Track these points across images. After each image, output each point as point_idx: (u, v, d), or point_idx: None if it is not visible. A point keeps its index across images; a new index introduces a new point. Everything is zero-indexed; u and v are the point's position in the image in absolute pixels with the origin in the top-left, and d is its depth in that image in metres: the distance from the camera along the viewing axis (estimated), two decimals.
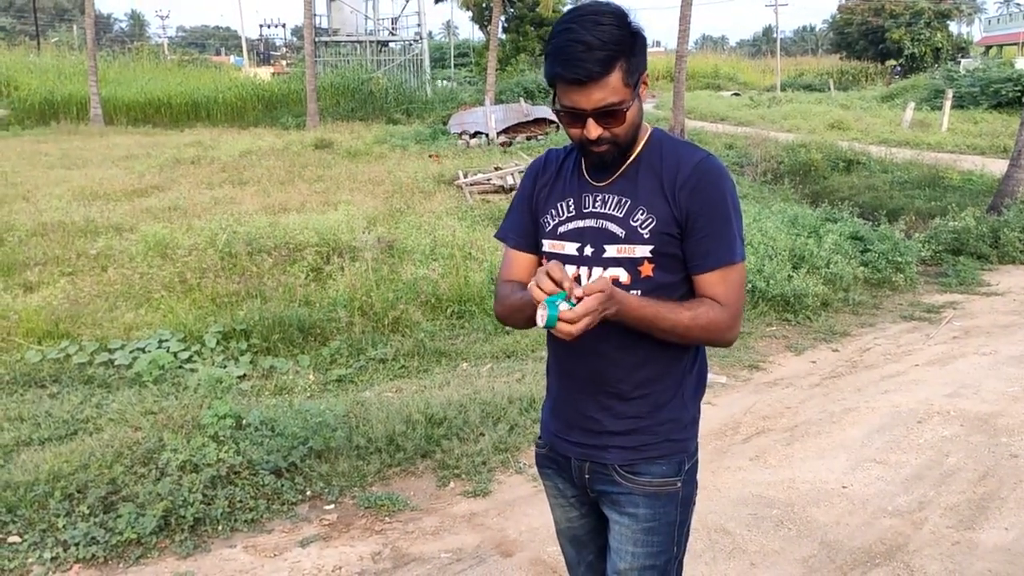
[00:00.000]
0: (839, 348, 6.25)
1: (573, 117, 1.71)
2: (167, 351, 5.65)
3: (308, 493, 3.86)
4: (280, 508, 3.71)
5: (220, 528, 3.51)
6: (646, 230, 1.76)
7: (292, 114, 27.11)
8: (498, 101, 25.81)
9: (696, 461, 1.96)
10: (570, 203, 1.86)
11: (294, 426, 4.13)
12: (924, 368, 5.75)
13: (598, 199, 1.82)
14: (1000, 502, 3.85)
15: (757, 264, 7.10)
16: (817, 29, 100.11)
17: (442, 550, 3.47)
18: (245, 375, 5.51)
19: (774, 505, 3.83)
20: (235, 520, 3.57)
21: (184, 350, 5.72)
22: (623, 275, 1.78)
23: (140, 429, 4.12)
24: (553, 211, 1.88)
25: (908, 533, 3.58)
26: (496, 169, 13.66)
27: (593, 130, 1.70)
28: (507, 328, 6.11)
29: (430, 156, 15.44)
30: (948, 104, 22.44)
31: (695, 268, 1.78)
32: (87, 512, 3.43)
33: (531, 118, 21.57)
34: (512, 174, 12.84)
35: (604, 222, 1.80)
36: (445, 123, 22.83)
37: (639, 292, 1.77)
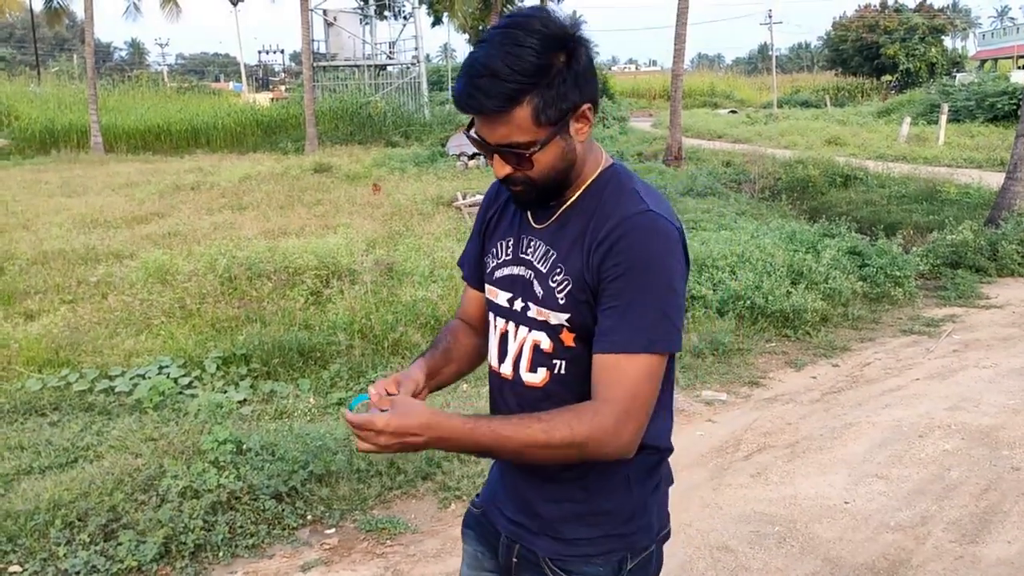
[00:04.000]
0: (839, 363, 6.25)
1: (483, 148, 1.43)
2: (167, 377, 5.65)
3: (309, 517, 3.85)
4: (281, 533, 3.70)
5: (221, 554, 3.50)
6: (561, 294, 1.46)
7: (291, 139, 27.25)
8: None
9: (650, 552, 1.59)
10: (509, 244, 1.59)
11: (295, 450, 4.12)
12: (925, 382, 5.75)
13: (531, 244, 1.54)
14: (1003, 515, 3.84)
15: (755, 280, 7.11)
16: (812, 46, 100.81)
17: (444, 573, 3.45)
18: (245, 400, 5.51)
19: (776, 522, 3.82)
20: (236, 546, 3.56)
21: (184, 376, 5.72)
22: (545, 341, 1.50)
23: (140, 456, 4.12)
24: (494, 250, 1.62)
25: (911, 548, 3.57)
26: None
27: (499, 168, 1.43)
28: None
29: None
30: (944, 118, 22.61)
31: (594, 346, 1.41)
32: (87, 540, 3.42)
33: None
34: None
35: (531, 275, 1.52)
36: (443, 145, 22.95)
37: (564, 362, 1.49)
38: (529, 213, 1.56)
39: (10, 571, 3.31)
